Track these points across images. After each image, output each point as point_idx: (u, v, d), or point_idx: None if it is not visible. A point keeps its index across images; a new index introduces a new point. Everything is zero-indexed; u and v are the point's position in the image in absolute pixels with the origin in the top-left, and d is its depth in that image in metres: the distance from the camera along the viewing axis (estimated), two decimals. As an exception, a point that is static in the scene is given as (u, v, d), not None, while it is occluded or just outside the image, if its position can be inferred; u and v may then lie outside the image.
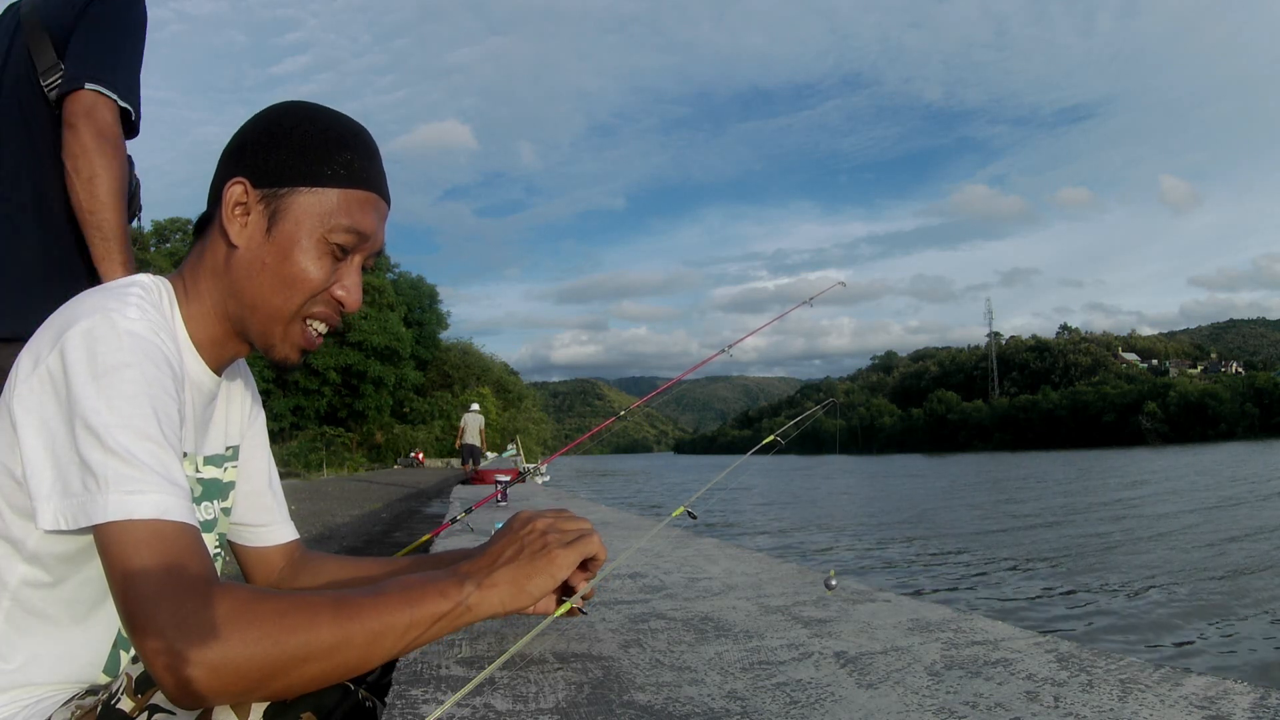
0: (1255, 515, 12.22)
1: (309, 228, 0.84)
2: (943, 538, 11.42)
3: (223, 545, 0.96)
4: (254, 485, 1.02)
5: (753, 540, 11.44)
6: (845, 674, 0.81)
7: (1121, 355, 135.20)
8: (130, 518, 0.67)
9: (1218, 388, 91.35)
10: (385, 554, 3.09)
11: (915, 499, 19.96)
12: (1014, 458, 57.59)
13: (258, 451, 1.04)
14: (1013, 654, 0.87)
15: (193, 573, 0.67)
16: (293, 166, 0.84)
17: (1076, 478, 25.48)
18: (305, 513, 11.27)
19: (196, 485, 0.88)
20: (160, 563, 0.67)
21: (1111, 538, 10.53)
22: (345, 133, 0.87)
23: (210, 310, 0.87)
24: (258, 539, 1.02)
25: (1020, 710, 0.69)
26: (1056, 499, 17.67)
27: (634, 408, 2.92)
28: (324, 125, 0.86)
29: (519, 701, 0.73)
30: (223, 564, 0.96)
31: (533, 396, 64.94)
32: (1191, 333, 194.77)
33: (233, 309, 0.86)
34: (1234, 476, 21.84)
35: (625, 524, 2.39)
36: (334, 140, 0.85)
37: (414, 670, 0.84)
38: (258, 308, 0.86)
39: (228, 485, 0.96)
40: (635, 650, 0.92)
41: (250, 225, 0.84)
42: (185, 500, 0.70)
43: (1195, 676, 0.76)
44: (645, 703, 0.73)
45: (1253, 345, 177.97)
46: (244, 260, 0.84)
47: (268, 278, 0.85)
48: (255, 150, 0.84)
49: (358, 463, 40.07)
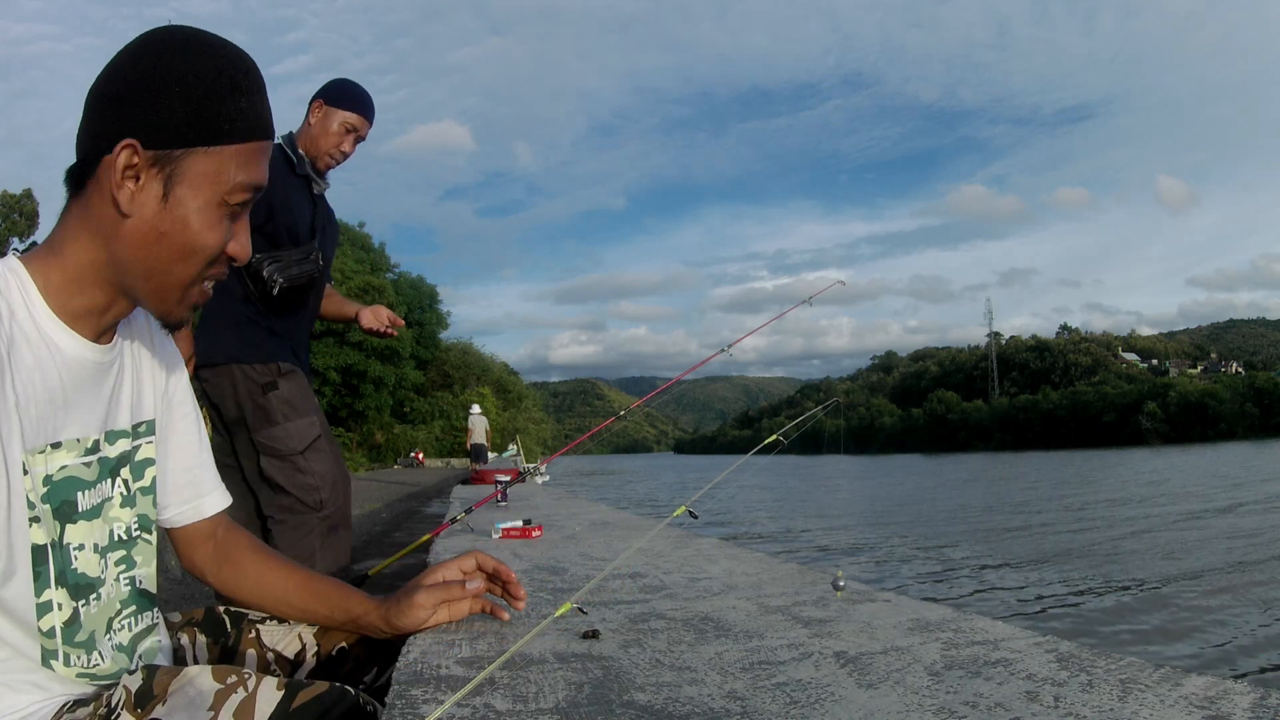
0: (1256, 515, 12.22)
1: (208, 191, 0.78)
2: (943, 538, 11.41)
3: (144, 524, 0.91)
4: (179, 462, 0.98)
5: (753, 540, 11.43)
6: (845, 674, 0.81)
7: (1121, 355, 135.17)
8: None
9: (1218, 388, 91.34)
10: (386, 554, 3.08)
11: (915, 499, 19.96)
12: (1014, 458, 57.57)
13: (181, 424, 0.98)
14: (1013, 654, 0.87)
15: None
16: (188, 124, 0.76)
17: (1076, 478, 25.48)
18: (305, 513, 11.22)
19: (92, 466, 0.83)
20: None
21: (1111, 538, 10.53)
22: (237, 73, 0.79)
23: (87, 275, 0.79)
24: (182, 519, 1.00)
25: (1020, 710, 0.69)
26: (1056, 499, 17.67)
27: (634, 407, 2.92)
28: (215, 69, 0.78)
29: (519, 701, 0.73)
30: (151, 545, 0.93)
31: (533, 396, 64.95)
32: (1191, 333, 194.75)
33: (118, 275, 0.80)
34: (1235, 477, 21.84)
35: (625, 524, 2.39)
36: (227, 86, 0.78)
37: (414, 670, 0.84)
38: (154, 276, 0.80)
39: (143, 463, 0.91)
40: (635, 650, 0.92)
41: (143, 191, 0.76)
42: None
43: (1195, 676, 0.76)
44: (645, 703, 0.73)
45: (1253, 345, 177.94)
46: (137, 229, 0.77)
47: (166, 247, 0.78)
48: (142, 105, 0.75)
49: (358, 463, 40.04)
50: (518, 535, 2.20)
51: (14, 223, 46.03)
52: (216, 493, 1.03)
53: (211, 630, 1.05)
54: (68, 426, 0.80)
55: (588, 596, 1.26)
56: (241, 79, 0.79)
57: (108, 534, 0.86)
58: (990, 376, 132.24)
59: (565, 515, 3.05)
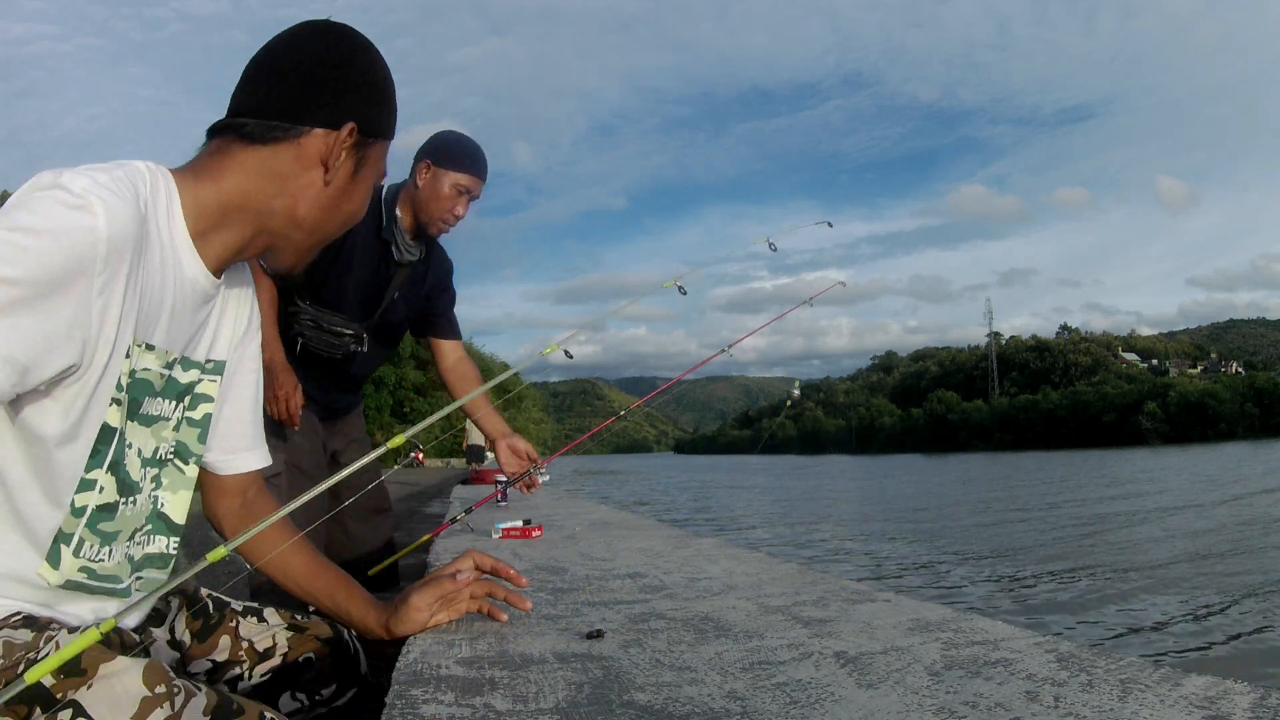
0: (1256, 515, 12.22)
1: (372, 176, 0.94)
2: (943, 537, 11.42)
3: (180, 452, 0.94)
4: (233, 412, 1.02)
5: (753, 540, 11.43)
6: (845, 674, 0.81)
7: (1121, 355, 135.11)
8: None
9: (1218, 388, 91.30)
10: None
11: (915, 499, 19.96)
12: (1014, 458, 57.58)
13: (244, 378, 1.03)
14: (1013, 654, 0.87)
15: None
16: (384, 121, 0.92)
17: (1077, 478, 25.48)
18: (305, 513, 11.23)
19: (163, 381, 0.89)
20: None
21: (1111, 538, 10.53)
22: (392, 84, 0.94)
23: (237, 212, 0.87)
24: (219, 467, 1.04)
25: (1020, 710, 0.69)
26: (1056, 499, 17.66)
27: (634, 407, 2.92)
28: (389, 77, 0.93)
29: (519, 701, 0.73)
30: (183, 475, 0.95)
31: (533, 397, 64.94)
32: (1191, 333, 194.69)
33: (275, 223, 0.89)
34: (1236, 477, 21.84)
35: (625, 524, 2.39)
36: (393, 92, 0.94)
37: (414, 670, 0.84)
38: (314, 233, 0.92)
39: (201, 397, 0.95)
40: (635, 650, 0.92)
41: (343, 167, 0.89)
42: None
43: (1195, 676, 0.76)
44: (645, 703, 0.73)
45: (1253, 345, 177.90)
46: (327, 194, 0.90)
47: (338, 213, 0.92)
48: (365, 98, 0.89)
49: (358, 463, 39.89)
50: (518, 535, 2.20)
51: (14, 223, 46.01)
52: (258, 451, 1.07)
53: (193, 608, 1.06)
54: (160, 335, 0.85)
55: (588, 597, 1.26)
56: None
57: (153, 449, 0.90)
58: (990, 376, 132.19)
59: (565, 515, 3.05)
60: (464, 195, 2.17)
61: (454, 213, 2.18)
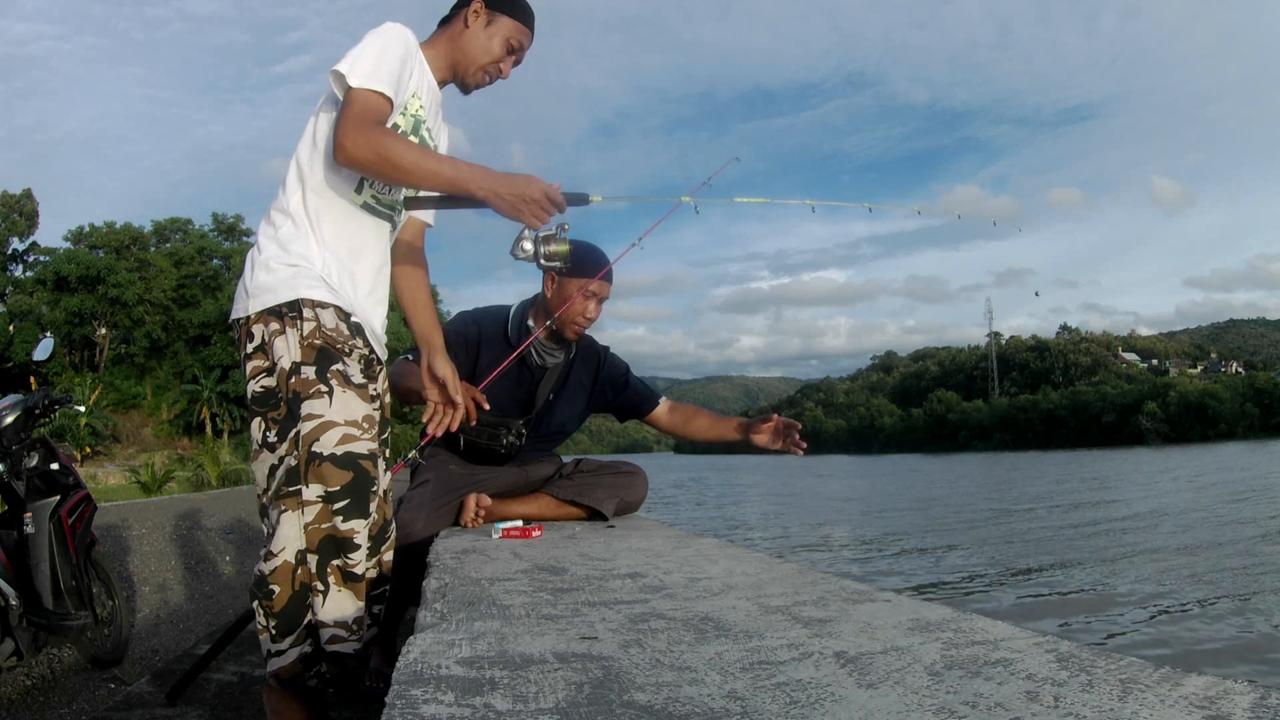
0: (1257, 515, 12.21)
1: (501, 35, 1.79)
2: (942, 537, 11.41)
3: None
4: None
5: (753, 540, 11.43)
6: (845, 674, 0.81)
7: (1121, 355, 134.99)
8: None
9: (1218, 388, 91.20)
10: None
11: (915, 499, 19.94)
12: (1014, 457, 57.55)
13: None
14: (1013, 654, 0.87)
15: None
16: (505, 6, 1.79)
17: (1077, 478, 25.46)
18: (305, 513, 11.22)
19: (414, 118, 1.74)
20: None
21: (1111, 538, 10.52)
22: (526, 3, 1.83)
23: (442, 52, 1.80)
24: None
25: (1020, 710, 0.69)
26: (1056, 499, 17.65)
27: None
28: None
29: (519, 701, 0.73)
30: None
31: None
32: (1191, 333, 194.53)
33: (455, 56, 1.80)
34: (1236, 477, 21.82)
35: (625, 524, 2.39)
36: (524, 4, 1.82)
37: (414, 670, 0.84)
38: (471, 58, 1.79)
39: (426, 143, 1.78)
40: (635, 650, 0.92)
41: (475, 23, 1.78)
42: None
43: (1195, 676, 0.76)
44: (645, 703, 0.73)
45: (1253, 345, 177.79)
46: (465, 34, 1.78)
47: (479, 47, 1.78)
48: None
49: (358, 462, 39.78)
50: (517, 535, 2.19)
51: (14, 222, 45.93)
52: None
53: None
54: (414, 104, 1.74)
55: (588, 597, 1.26)
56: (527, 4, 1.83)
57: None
58: (990, 376, 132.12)
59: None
60: (592, 298, 2.36)
61: (585, 315, 2.37)
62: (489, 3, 1.79)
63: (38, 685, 2.93)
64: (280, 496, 1.55)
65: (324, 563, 1.55)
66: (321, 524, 1.53)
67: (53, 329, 39.33)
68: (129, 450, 38.86)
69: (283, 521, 1.54)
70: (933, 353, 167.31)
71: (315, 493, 1.53)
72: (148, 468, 18.19)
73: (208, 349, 44.25)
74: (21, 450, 2.87)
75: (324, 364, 1.55)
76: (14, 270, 46.95)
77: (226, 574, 5.87)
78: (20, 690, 2.85)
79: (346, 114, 1.53)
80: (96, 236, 45.28)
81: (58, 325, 41.12)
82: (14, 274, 46.81)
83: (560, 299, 2.35)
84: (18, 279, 46.10)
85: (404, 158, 1.53)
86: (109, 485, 20.25)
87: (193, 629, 4.06)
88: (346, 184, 1.67)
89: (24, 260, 46.93)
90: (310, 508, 1.53)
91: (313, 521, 1.53)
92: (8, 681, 2.87)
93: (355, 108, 1.53)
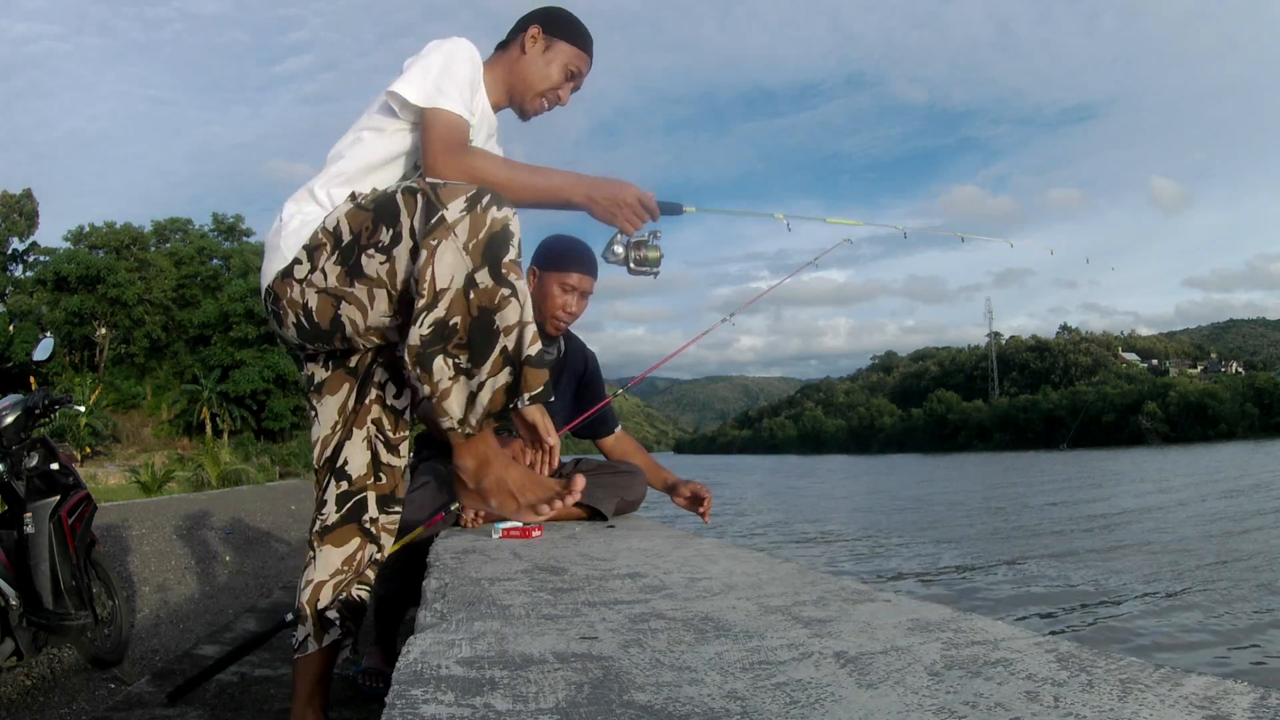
0: (1256, 516, 12.21)
1: (561, 59, 1.78)
2: (942, 537, 11.41)
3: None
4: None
5: (753, 540, 11.43)
6: (845, 674, 0.81)
7: (1121, 355, 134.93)
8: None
9: (1218, 388, 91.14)
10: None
11: (915, 499, 19.94)
12: (1014, 457, 57.54)
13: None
14: (1013, 654, 0.87)
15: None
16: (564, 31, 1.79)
17: (1077, 478, 25.45)
18: (305, 513, 11.25)
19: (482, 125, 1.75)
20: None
21: (1111, 538, 10.52)
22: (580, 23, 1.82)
23: (499, 77, 1.78)
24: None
25: (1020, 710, 0.69)
26: (1056, 499, 17.64)
27: (620, 394, 2.92)
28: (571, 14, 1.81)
29: (519, 701, 0.73)
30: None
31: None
32: (1191, 333, 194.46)
33: (512, 81, 1.78)
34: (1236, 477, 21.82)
35: (625, 524, 2.39)
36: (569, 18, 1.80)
37: (414, 670, 0.84)
38: (529, 84, 1.78)
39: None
40: (635, 650, 0.92)
41: (531, 48, 1.77)
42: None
43: (1195, 676, 0.76)
44: (645, 703, 0.73)
45: (1253, 345, 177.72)
46: (521, 60, 1.78)
47: (537, 73, 1.77)
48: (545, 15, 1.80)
49: (358, 462, 39.74)
50: (517, 535, 2.19)
51: (14, 223, 45.93)
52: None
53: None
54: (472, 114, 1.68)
55: (588, 597, 1.26)
56: (581, 25, 1.81)
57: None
58: (990, 376, 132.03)
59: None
60: (572, 293, 2.32)
61: (566, 310, 2.32)
62: (547, 28, 1.76)
63: (38, 685, 2.93)
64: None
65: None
66: None
67: (53, 329, 39.30)
68: (129, 450, 38.86)
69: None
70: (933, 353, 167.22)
71: None
72: (148, 468, 18.20)
73: (208, 349, 44.23)
74: (21, 450, 2.87)
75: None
76: (14, 270, 46.96)
77: (226, 574, 5.87)
78: (20, 690, 2.85)
79: (430, 138, 1.51)
80: (96, 236, 45.26)
81: (58, 325, 41.10)
82: (14, 274, 46.81)
83: (540, 294, 2.32)
84: (18, 279, 46.10)
85: (498, 176, 1.52)
86: (109, 485, 20.25)
87: (193, 629, 4.06)
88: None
89: (24, 260, 46.94)
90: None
91: None
92: (8, 681, 2.87)
93: (438, 130, 1.51)
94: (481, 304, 1.38)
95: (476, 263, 1.37)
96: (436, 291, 1.36)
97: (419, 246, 1.38)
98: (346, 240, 1.48)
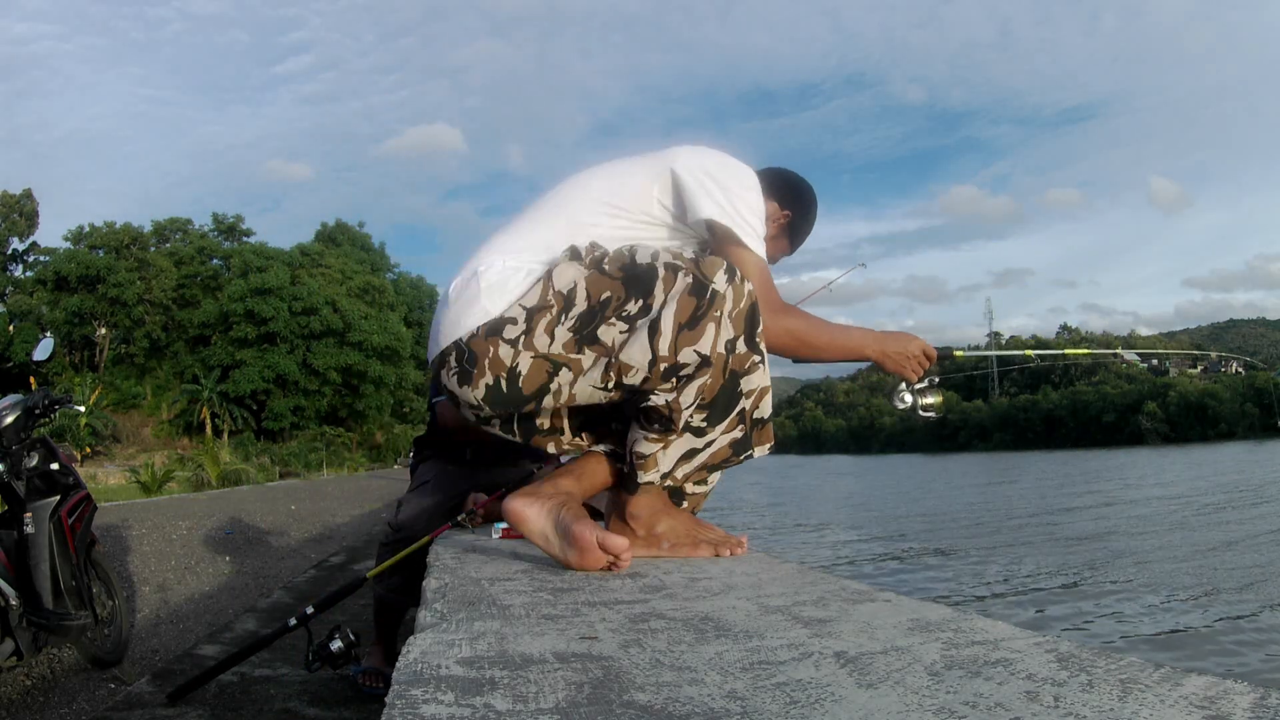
0: (1256, 515, 12.20)
1: (779, 251, 1.82)
2: (942, 537, 11.40)
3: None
4: None
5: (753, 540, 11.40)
6: (845, 674, 0.81)
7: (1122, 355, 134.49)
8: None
9: (1218, 388, 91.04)
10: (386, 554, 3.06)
11: (915, 499, 19.94)
12: (1014, 457, 57.54)
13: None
14: (1013, 654, 0.87)
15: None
16: (804, 227, 1.84)
17: (1077, 478, 25.44)
18: (305, 512, 11.26)
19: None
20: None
21: (1112, 538, 10.52)
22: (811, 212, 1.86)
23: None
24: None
25: (1020, 710, 0.69)
26: (1056, 499, 17.64)
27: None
28: (814, 212, 1.86)
29: (519, 701, 0.73)
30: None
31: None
32: (1191, 333, 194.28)
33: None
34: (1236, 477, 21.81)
35: (625, 524, 2.38)
36: (812, 223, 1.87)
37: (414, 670, 0.84)
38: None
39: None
40: (635, 650, 0.92)
41: (775, 228, 1.74)
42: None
43: (1195, 676, 0.76)
44: (645, 703, 0.73)
45: (1252, 345, 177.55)
46: (770, 240, 1.66)
47: (769, 252, 1.61)
48: (801, 206, 1.81)
49: (358, 462, 39.90)
50: (518, 536, 2.19)
51: (14, 223, 45.95)
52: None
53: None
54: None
55: (588, 597, 1.26)
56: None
57: None
58: (990, 376, 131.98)
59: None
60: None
61: None
62: (793, 222, 1.79)
63: (38, 685, 2.93)
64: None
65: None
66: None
67: (53, 329, 39.29)
68: (129, 450, 38.86)
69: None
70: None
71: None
72: (148, 468, 18.20)
73: (208, 349, 44.26)
74: (21, 450, 2.87)
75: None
76: (14, 270, 46.98)
77: (226, 574, 5.87)
78: (20, 690, 2.85)
79: (758, 290, 1.44)
80: (96, 236, 45.27)
81: (58, 325, 41.12)
82: (14, 274, 46.83)
83: None
84: (18, 279, 46.12)
85: (819, 339, 1.61)
86: (109, 485, 20.26)
87: (193, 629, 4.06)
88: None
89: (24, 260, 46.96)
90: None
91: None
92: (8, 681, 2.87)
93: (763, 283, 1.50)
94: (733, 368, 1.41)
95: (738, 330, 1.40)
96: (702, 359, 1.37)
97: (685, 322, 1.35)
98: (584, 306, 1.39)
